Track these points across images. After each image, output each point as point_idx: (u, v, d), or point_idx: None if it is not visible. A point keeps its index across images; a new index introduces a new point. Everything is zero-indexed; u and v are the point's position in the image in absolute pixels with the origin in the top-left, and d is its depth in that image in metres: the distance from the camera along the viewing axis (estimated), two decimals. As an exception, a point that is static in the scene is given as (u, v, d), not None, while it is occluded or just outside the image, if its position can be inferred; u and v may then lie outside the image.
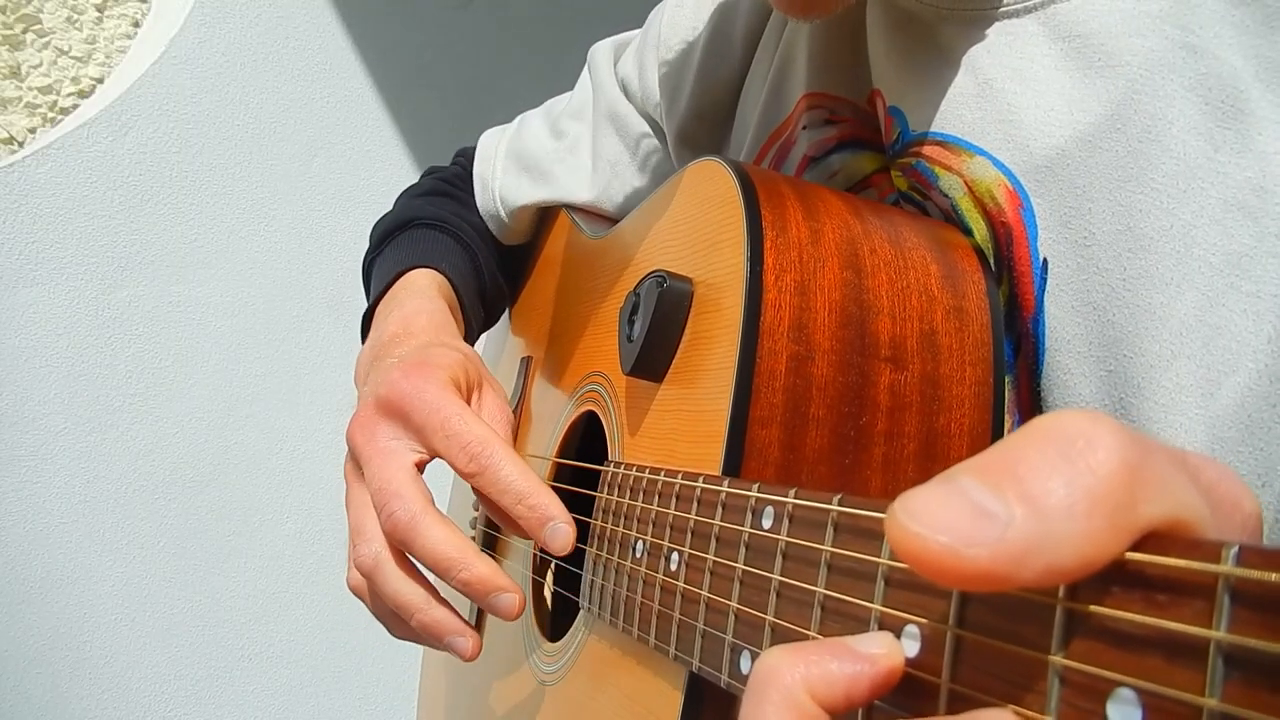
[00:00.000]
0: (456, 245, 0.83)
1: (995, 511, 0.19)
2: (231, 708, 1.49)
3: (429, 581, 0.55)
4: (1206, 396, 0.40)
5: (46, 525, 1.36)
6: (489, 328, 0.90)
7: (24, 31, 1.37)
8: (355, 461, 0.58)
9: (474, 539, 0.80)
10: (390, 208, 0.88)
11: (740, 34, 0.69)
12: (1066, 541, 0.19)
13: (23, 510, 1.34)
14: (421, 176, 0.94)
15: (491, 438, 0.54)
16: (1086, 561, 0.19)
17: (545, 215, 0.87)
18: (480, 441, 0.53)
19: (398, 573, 0.54)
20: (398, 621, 0.56)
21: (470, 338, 0.81)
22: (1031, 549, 0.19)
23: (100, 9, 1.43)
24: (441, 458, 0.55)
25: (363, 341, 0.76)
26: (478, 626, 0.66)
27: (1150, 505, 0.19)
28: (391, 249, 0.82)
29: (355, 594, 0.59)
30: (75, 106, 1.41)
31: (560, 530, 0.52)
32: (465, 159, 0.92)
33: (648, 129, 0.78)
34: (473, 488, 0.55)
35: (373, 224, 0.87)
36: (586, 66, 0.85)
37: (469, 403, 0.59)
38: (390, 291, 0.76)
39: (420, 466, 0.56)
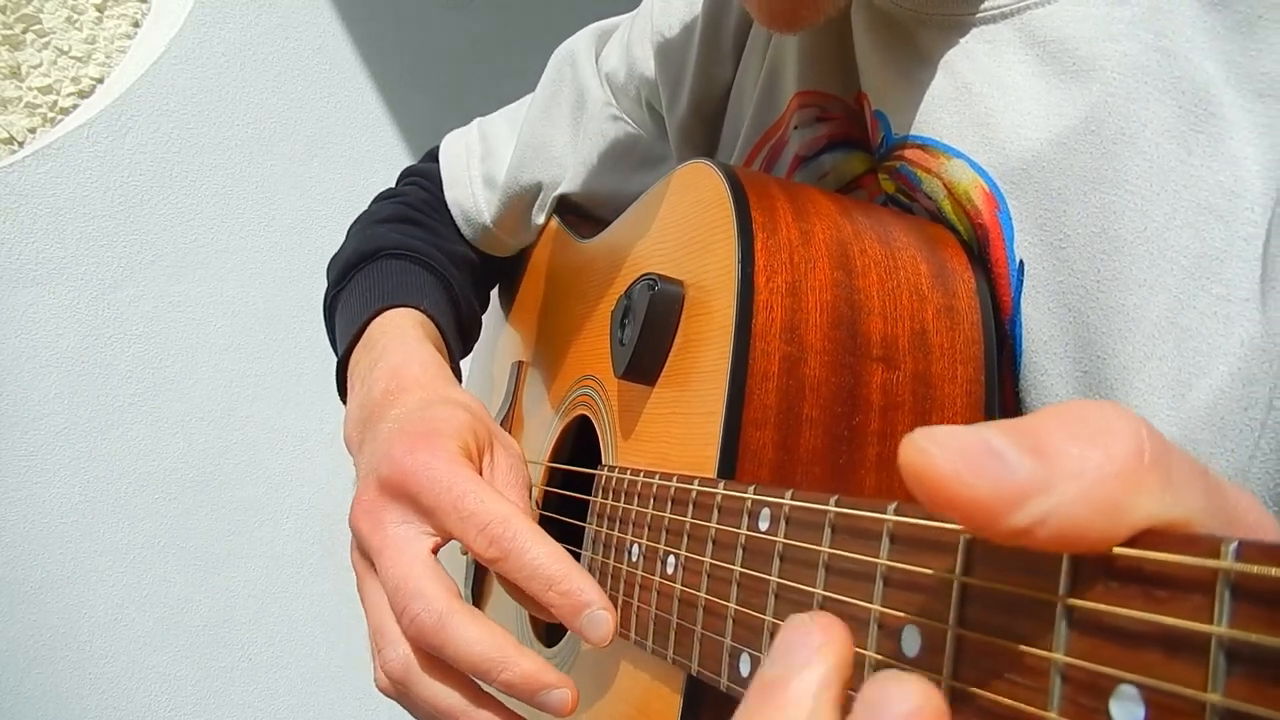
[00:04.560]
0: (431, 277, 0.77)
1: (1007, 456, 0.20)
2: (231, 708, 1.49)
3: (467, 679, 0.50)
4: (1178, 398, 0.40)
5: (46, 525, 1.36)
6: (465, 356, 0.84)
7: (24, 31, 1.37)
8: (364, 552, 0.53)
9: (465, 558, 0.79)
10: (344, 239, 0.82)
11: (731, 36, 0.69)
12: (1068, 502, 0.19)
13: (23, 510, 1.34)
14: (372, 203, 0.88)
15: (512, 515, 0.48)
16: (1081, 530, 0.19)
17: None
18: (501, 521, 0.48)
19: (429, 679, 0.49)
20: None
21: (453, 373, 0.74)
22: (1032, 497, 0.19)
23: (100, 9, 1.43)
24: (458, 540, 0.50)
25: (340, 393, 0.71)
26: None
27: (1156, 499, 0.20)
28: (359, 284, 0.75)
29: (387, 696, 0.53)
30: (75, 106, 1.41)
31: (599, 619, 0.46)
32: (424, 179, 0.87)
33: (624, 117, 0.77)
34: (495, 573, 0.50)
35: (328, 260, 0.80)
36: (564, 62, 0.82)
37: (480, 468, 0.54)
38: (366, 335, 0.69)
39: (436, 550, 0.51)
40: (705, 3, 0.70)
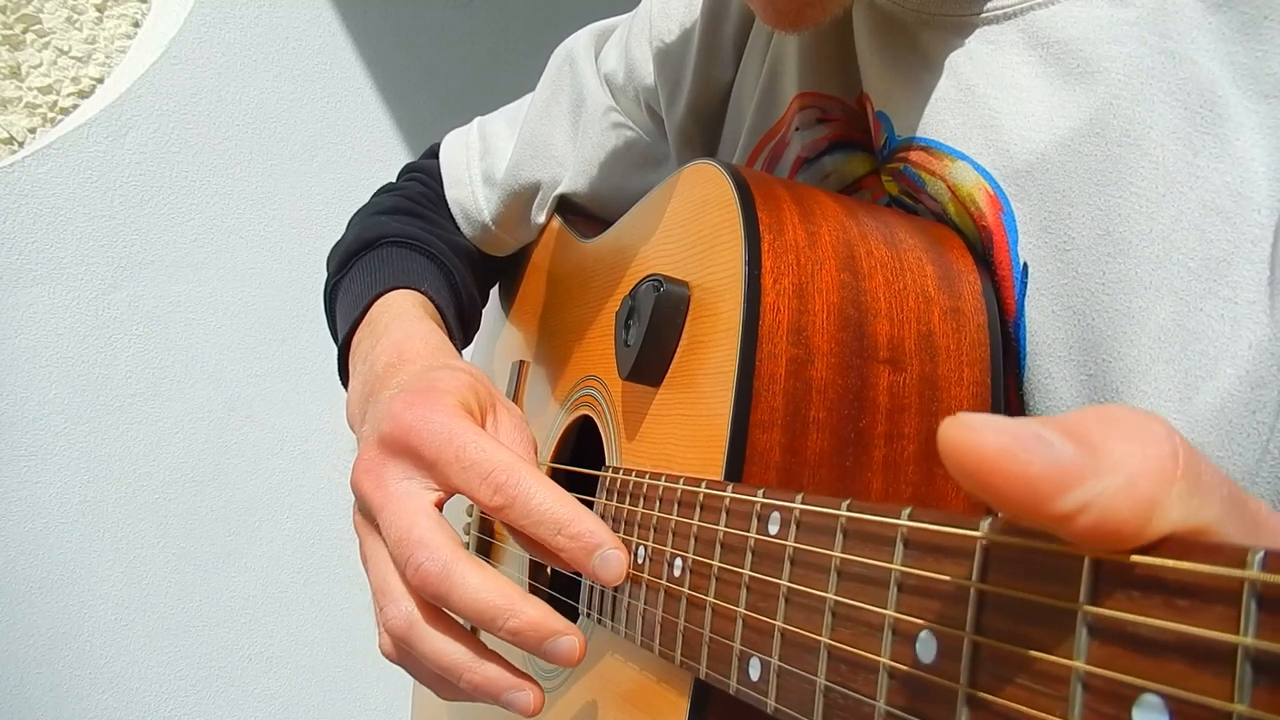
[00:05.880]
0: (432, 264, 0.77)
1: (1052, 441, 0.20)
2: (231, 708, 1.49)
3: (471, 634, 0.49)
4: (1184, 401, 0.40)
5: (46, 525, 1.35)
6: (465, 346, 0.84)
7: (24, 31, 1.36)
8: (365, 512, 0.52)
9: (466, 544, 0.79)
10: (345, 230, 0.82)
11: (730, 37, 0.68)
12: (1110, 493, 0.19)
13: (23, 510, 1.34)
14: (373, 196, 0.88)
15: (516, 462, 0.48)
16: (1118, 524, 0.19)
17: None
18: (504, 469, 0.47)
19: (434, 632, 0.48)
20: (444, 684, 0.50)
21: None
22: (1080, 481, 0.19)
23: (100, 9, 1.43)
24: (461, 493, 0.49)
25: (341, 378, 0.71)
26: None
27: (1184, 504, 0.20)
28: (360, 270, 0.75)
29: (391, 660, 0.52)
30: (75, 106, 1.41)
31: (611, 558, 0.46)
32: (424, 174, 0.88)
33: (623, 118, 0.77)
34: (502, 523, 0.49)
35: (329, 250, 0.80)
36: (563, 62, 0.82)
37: (482, 426, 0.53)
38: (369, 317, 0.69)
39: (440, 505, 0.50)
40: (704, 3, 0.69)
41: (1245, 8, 0.42)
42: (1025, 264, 0.47)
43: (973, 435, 0.20)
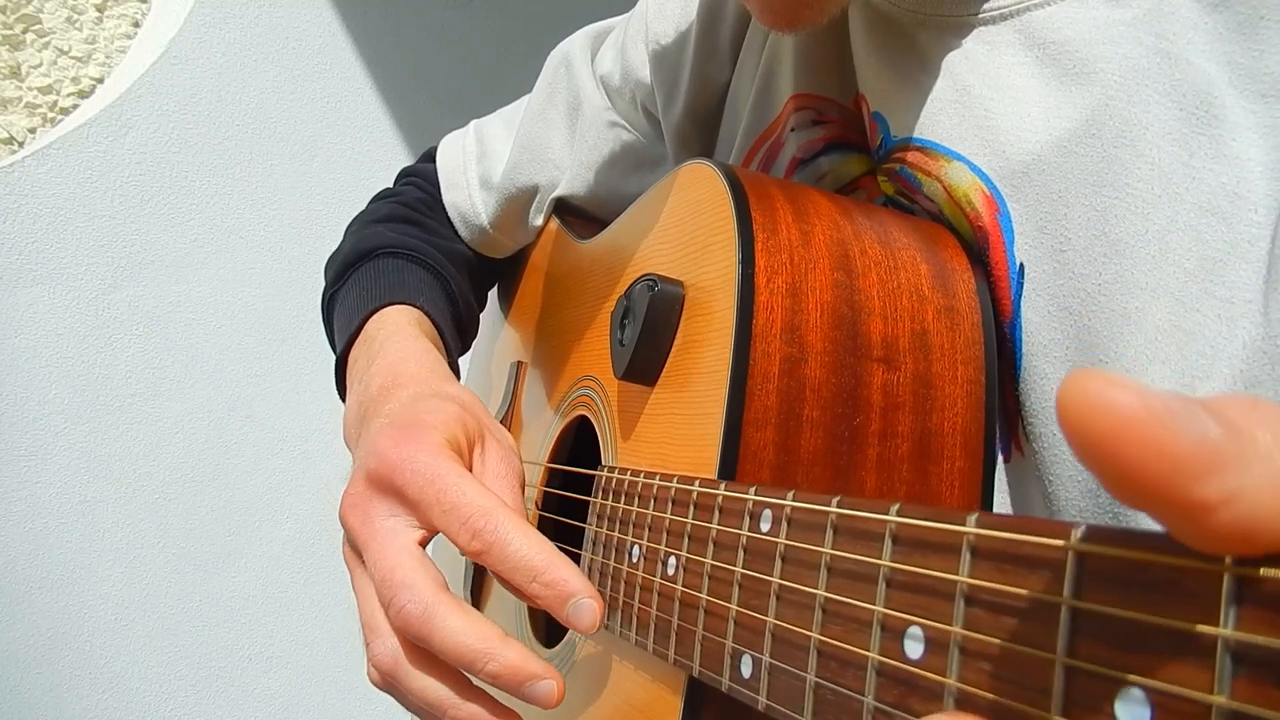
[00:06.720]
0: (428, 275, 0.77)
1: (1200, 415, 0.17)
2: (231, 708, 1.49)
3: (456, 671, 0.50)
4: None
5: (46, 525, 1.35)
6: (463, 354, 0.84)
7: (24, 31, 1.36)
8: (353, 546, 0.53)
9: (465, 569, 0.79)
10: (342, 239, 0.82)
11: (727, 37, 0.68)
12: (1256, 486, 0.17)
13: (23, 510, 1.34)
14: (370, 203, 0.88)
15: (495, 507, 0.48)
16: (1260, 523, 0.17)
17: None
18: (483, 513, 0.48)
19: (417, 672, 0.49)
20: (430, 717, 0.51)
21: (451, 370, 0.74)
22: (1227, 467, 0.17)
23: (100, 9, 1.43)
24: (443, 534, 0.50)
25: (339, 390, 0.71)
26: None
27: None
28: (357, 282, 0.75)
29: (379, 689, 0.53)
30: (75, 106, 1.41)
31: (585, 607, 0.46)
32: (421, 178, 0.88)
33: (620, 120, 0.77)
34: (481, 565, 0.49)
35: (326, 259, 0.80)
36: (559, 64, 0.82)
37: (470, 462, 0.54)
38: (364, 333, 0.69)
39: (424, 543, 0.51)
40: (701, 3, 0.69)
41: (1242, 7, 0.42)
42: (1021, 264, 0.47)
43: (1111, 392, 0.17)
